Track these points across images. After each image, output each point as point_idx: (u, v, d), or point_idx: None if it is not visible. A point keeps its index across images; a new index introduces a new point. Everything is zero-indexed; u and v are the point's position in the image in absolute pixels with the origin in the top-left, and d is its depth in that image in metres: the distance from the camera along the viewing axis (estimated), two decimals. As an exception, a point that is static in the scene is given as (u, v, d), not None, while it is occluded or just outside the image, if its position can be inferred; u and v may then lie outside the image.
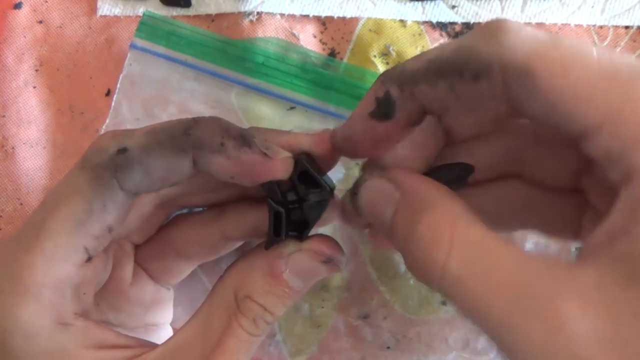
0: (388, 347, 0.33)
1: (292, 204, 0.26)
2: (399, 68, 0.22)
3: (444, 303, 0.33)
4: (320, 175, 0.26)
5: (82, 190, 0.24)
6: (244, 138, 0.24)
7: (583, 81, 0.18)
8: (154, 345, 0.26)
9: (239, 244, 0.31)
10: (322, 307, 0.34)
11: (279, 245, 0.26)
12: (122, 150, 0.24)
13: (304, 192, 0.26)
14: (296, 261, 0.26)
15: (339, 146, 0.25)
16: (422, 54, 0.22)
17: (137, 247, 0.30)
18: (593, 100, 0.18)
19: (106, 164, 0.24)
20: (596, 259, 0.18)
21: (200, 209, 0.31)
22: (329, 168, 0.27)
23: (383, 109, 0.22)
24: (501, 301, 0.18)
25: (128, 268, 0.29)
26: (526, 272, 0.18)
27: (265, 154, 0.24)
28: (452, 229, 0.20)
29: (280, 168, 0.24)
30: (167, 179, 0.24)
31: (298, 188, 0.26)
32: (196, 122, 0.24)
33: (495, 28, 0.20)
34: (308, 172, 0.25)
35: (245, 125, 0.34)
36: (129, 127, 0.36)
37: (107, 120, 0.36)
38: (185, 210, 0.31)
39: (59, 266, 0.24)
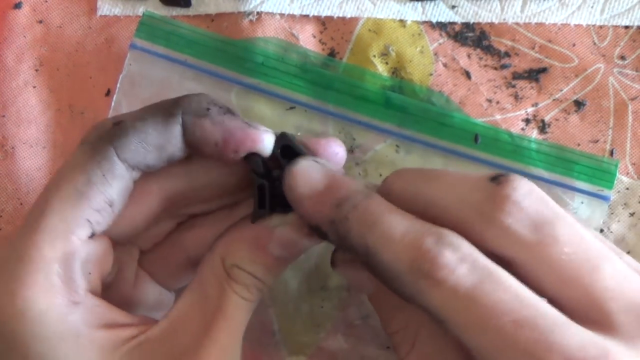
0: (388, 347, 0.33)
1: (277, 181, 0.27)
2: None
3: (443, 303, 0.33)
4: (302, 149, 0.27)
5: (81, 164, 0.25)
6: (228, 108, 0.26)
7: (484, 345, 0.21)
8: (154, 321, 0.26)
9: None
10: (322, 307, 0.34)
11: (265, 218, 0.27)
12: (118, 123, 0.25)
13: (287, 165, 0.26)
14: (281, 234, 0.27)
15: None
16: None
17: (142, 251, 0.30)
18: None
19: (102, 135, 0.25)
20: None
21: None
22: None
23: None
24: None
25: (130, 270, 0.29)
26: None
27: (247, 123, 0.26)
28: (416, 336, 0.25)
29: (262, 137, 0.26)
30: (162, 147, 0.25)
31: (282, 162, 0.27)
32: (185, 96, 0.26)
33: (428, 269, 0.21)
34: (290, 146, 0.27)
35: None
36: (128, 127, 0.36)
37: (107, 120, 0.36)
38: None
39: (66, 239, 0.24)
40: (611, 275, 0.21)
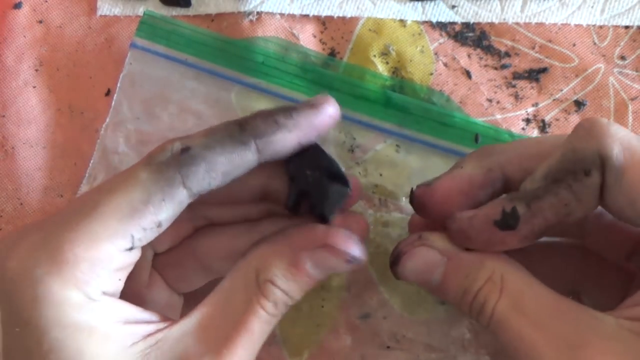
0: (388, 347, 0.33)
1: (316, 189, 0.27)
2: (522, 191, 0.26)
3: (442, 303, 0.33)
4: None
5: (144, 182, 0.25)
6: (285, 107, 0.27)
7: None
8: (174, 320, 0.26)
9: None
10: (322, 307, 0.34)
11: (302, 233, 0.27)
12: (186, 149, 0.25)
13: (326, 181, 0.27)
14: (320, 257, 0.26)
15: (454, 234, 0.27)
16: (533, 174, 0.26)
17: (157, 254, 0.30)
18: None
19: (170, 161, 0.25)
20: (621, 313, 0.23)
21: None
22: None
23: (508, 221, 0.26)
24: (539, 340, 0.23)
25: (145, 272, 0.30)
26: (560, 316, 0.24)
27: (312, 105, 0.27)
28: (502, 281, 0.25)
29: (332, 107, 0.27)
30: (230, 173, 0.26)
31: (322, 179, 0.27)
32: (246, 119, 0.26)
33: (589, 127, 0.24)
34: (330, 164, 0.27)
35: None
36: (129, 126, 0.36)
37: (107, 119, 0.36)
38: None
39: (102, 246, 0.24)
40: None
